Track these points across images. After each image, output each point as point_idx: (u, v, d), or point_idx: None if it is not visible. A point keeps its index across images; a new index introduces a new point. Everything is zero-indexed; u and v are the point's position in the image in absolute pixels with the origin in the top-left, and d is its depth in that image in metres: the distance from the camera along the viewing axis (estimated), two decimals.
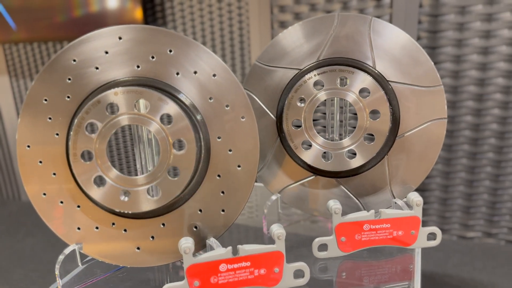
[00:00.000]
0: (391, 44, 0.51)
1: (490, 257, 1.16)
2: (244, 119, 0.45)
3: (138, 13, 1.31)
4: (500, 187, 1.15)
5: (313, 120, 0.52)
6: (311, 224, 0.64)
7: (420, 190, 1.22)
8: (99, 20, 1.38)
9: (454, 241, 1.23)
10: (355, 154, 0.52)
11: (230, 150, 0.45)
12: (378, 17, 1.12)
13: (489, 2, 1.03)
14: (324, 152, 0.53)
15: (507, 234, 1.20)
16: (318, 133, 0.53)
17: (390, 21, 1.11)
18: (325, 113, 0.59)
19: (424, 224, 1.25)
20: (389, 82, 0.51)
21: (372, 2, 1.12)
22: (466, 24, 1.07)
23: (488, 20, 1.05)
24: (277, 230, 0.44)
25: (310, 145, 0.53)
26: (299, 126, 0.53)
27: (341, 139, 0.55)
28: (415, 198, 0.49)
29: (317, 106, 0.52)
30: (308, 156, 0.53)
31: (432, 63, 0.51)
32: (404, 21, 1.09)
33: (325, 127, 0.60)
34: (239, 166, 0.46)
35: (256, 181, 0.47)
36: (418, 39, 1.11)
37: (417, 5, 1.07)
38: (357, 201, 0.55)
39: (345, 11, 1.15)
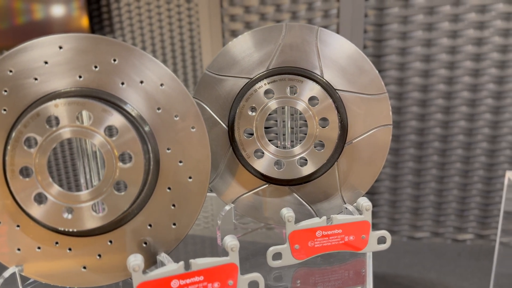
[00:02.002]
0: (337, 54, 0.53)
1: (438, 256, 1.21)
2: (194, 129, 0.44)
3: (84, 21, 1.27)
4: (444, 188, 1.21)
5: (267, 128, 0.52)
6: (267, 232, 0.64)
7: (370, 193, 1.25)
8: (43, 29, 1.32)
9: (404, 242, 1.28)
10: (306, 161, 0.53)
11: (180, 162, 0.44)
12: (326, 27, 1.15)
13: (429, 13, 1.09)
14: (277, 160, 0.53)
15: (453, 233, 1.26)
16: (270, 140, 0.53)
17: (337, 31, 1.15)
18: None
19: (375, 226, 1.29)
20: (337, 91, 0.52)
21: (319, 12, 1.15)
22: (408, 33, 1.12)
23: (429, 29, 1.11)
24: (230, 241, 0.43)
25: (263, 154, 0.53)
26: (252, 134, 0.53)
27: (293, 146, 0.56)
28: (365, 203, 0.50)
29: (269, 114, 0.52)
30: (260, 165, 0.53)
31: (377, 71, 0.52)
32: (351, 31, 1.13)
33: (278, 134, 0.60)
34: (190, 178, 0.45)
35: (209, 191, 0.46)
36: (364, 48, 1.15)
37: (363, 15, 1.11)
38: (309, 208, 0.55)
39: (294, 21, 1.17)
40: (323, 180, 0.54)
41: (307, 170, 0.53)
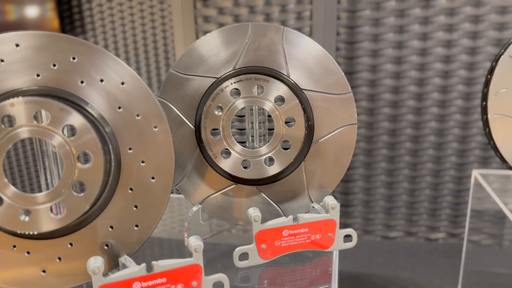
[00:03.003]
0: (303, 54, 0.53)
1: (411, 255, 1.23)
2: (156, 129, 0.44)
3: (55, 22, 1.24)
4: (416, 188, 1.23)
5: (242, 130, 0.52)
6: (240, 233, 0.64)
7: (344, 193, 1.27)
8: (17, 30, 1.29)
9: (378, 242, 1.29)
10: (273, 161, 0.53)
11: (142, 162, 0.43)
12: (299, 29, 1.16)
13: (400, 15, 1.11)
14: (244, 160, 0.53)
15: (425, 232, 1.28)
16: (239, 142, 0.53)
17: (310, 33, 1.16)
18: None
19: (350, 226, 1.30)
20: (303, 90, 0.53)
21: (293, 14, 1.16)
22: (380, 35, 1.14)
23: (400, 32, 1.13)
24: (194, 242, 0.43)
25: (230, 154, 0.52)
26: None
27: (261, 146, 0.55)
28: (331, 201, 0.51)
29: (241, 116, 0.52)
30: (227, 165, 0.53)
31: (342, 71, 0.53)
32: (324, 33, 1.14)
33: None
34: (153, 178, 0.44)
35: (175, 193, 0.45)
36: (337, 49, 1.17)
37: (335, 18, 1.13)
38: (277, 207, 0.55)
39: (268, 22, 1.17)
40: (290, 180, 0.54)
41: (274, 169, 0.53)
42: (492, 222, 1.15)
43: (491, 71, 0.62)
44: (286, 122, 0.52)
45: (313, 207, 0.54)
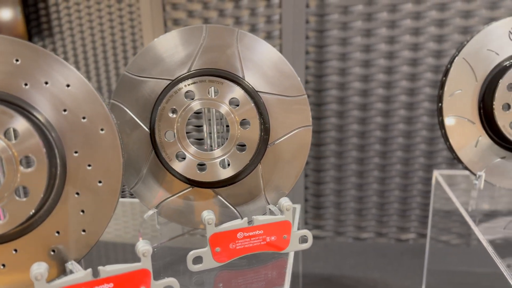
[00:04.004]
0: (259, 57, 0.53)
1: (382, 256, 1.24)
2: (103, 131, 0.43)
3: (21, 26, 1.22)
4: (386, 189, 1.25)
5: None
6: (197, 237, 0.63)
7: (316, 195, 1.27)
8: None
9: (350, 243, 1.30)
10: (229, 163, 0.52)
11: (89, 165, 0.43)
12: (269, 32, 1.17)
13: (368, 19, 1.13)
14: (199, 163, 0.52)
15: (396, 233, 1.30)
16: (194, 145, 0.53)
17: (280, 37, 1.16)
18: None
19: (322, 228, 1.31)
20: (258, 93, 0.53)
21: (262, 18, 1.16)
22: (348, 39, 1.15)
23: (367, 35, 1.14)
24: (143, 247, 0.42)
25: (184, 156, 0.52)
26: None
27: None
28: (285, 203, 0.51)
29: (192, 119, 0.52)
30: (182, 168, 0.52)
31: (296, 74, 0.53)
32: (293, 36, 1.15)
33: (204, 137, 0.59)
34: (100, 182, 0.43)
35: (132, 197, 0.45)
36: (307, 53, 1.18)
37: (304, 21, 1.13)
38: (234, 210, 0.55)
39: (238, 25, 1.17)
40: (247, 182, 0.54)
41: (229, 172, 0.52)
42: (460, 222, 1.17)
43: (446, 73, 0.63)
44: (241, 125, 0.52)
45: (269, 209, 0.54)
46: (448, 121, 0.63)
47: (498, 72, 0.62)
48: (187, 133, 0.53)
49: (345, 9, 1.13)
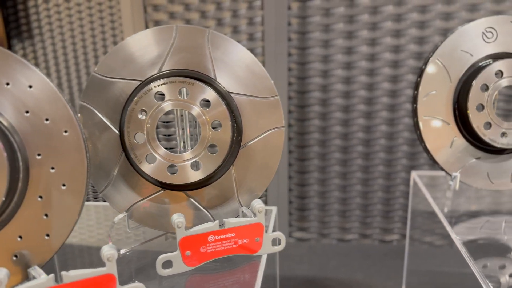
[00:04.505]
0: (230, 57, 0.52)
1: (366, 257, 1.24)
2: (67, 133, 0.42)
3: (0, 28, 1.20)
4: (369, 191, 1.25)
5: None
6: (169, 240, 0.63)
7: (300, 197, 1.27)
8: None
9: (334, 245, 1.30)
10: (200, 165, 0.52)
11: (52, 168, 0.42)
12: (251, 34, 1.16)
13: (349, 21, 1.13)
14: (170, 165, 0.52)
15: (379, 234, 1.30)
16: (168, 148, 0.52)
17: (262, 39, 1.16)
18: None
19: (306, 230, 1.30)
20: (231, 94, 0.52)
21: (244, 20, 1.16)
22: (330, 41, 1.15)
23: (349, 37, 1.14)
24: (107, 251, 0.41)
25: (155, 159, 0.51)
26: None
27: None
28: (258, 205, 0.50)
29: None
30: (153, 170, 0.51)
31: (268, 75, 0.53)
32: (275, 38, 1.15)
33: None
34: (64, 185, 0.42)
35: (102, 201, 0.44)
36: (289, 55, 1.17)
37: (286, 23, 1.13)
38: (207, 212, 0.54)
39: (220, 27, 1.17)
40: (219, 184, 0.54)
41: (201, 174, 0.52)
42: (442, 223, 1.17)
43: (420, 74, 0.64)
44: (213, 126, 0.51)
45: (242, 211, 0.54)
46: (423, 122, 0.63)
47: (472, 73, 0.63)
48: (169, 135, 0.52)
49: (326, 11, 1.13)
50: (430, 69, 0.63)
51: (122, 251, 0.56)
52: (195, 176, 0.52)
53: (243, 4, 1.15)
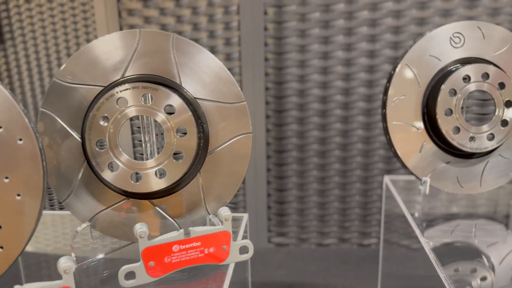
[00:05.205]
0: (196, 62, 0.51)
1: (344, 262, 1.24)
2: (21, 142, 0.40)
3: None
4: (347, 195, 1.25)
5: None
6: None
7: (279, 202, 1.26)
8: None
9: (313, 249, 1.30)
10: (165, 173, 0.51)
11: (6, 178, 0.40)
12: (228, 39, 1.16)
13: (325, 26, 1.13)
14: (134, 173, 0.50)
15: (358, 238, 1.30)
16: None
17: (239, 43, 1.15)
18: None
19: (285, 235, 1.30)
20: (197, 99, 0.51)
21: (220, 24, 1.15)
22: (306, 46, 1.15)
23: (325, 42, 1.15)
24: (64, 263, 0.40)
25: (118, 167, 0.50)
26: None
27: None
28: (224, 213, 0.49)
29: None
30: (115, 178, 0.50)
31: (234, 80, 0.52)
32: (252, 43, 1.14)
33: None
34: (18, 195, 0.41)
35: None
36: (266, 60, 1.17)
37: (262, 28, 1.13)
38: (173, 221, 0.53)
39: (196, 32, 1.16)
40: (186, 192, 0.53)
41: (166, 182, 0.51)
42: (427, 225, 1.18)
43: (389, 79, 0.64)
44: (178, 132, 0.50)
45: (210, 219, 0.53)
46: (392, 127, 0.63)
47: (440, 78, 0.63)
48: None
49: (302, 16, 1.13)
50: (399, 74, 0.63)
51: (87, 261, 0.54)
52: (159, 184, 0.50)
53: (219, 9, 1.14)
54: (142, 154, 0.60)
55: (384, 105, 0.64)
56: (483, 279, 0.58)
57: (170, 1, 1.14)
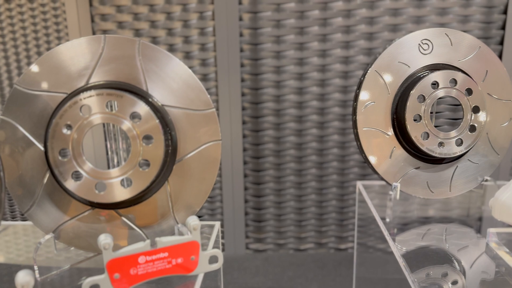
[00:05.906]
0: (163, 69, 0.51)
1: (321, 266, 1.24)
2: None
3: None
4: (324, 200, 1.26)
5: None
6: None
7: (256, 208, 1.26)
8: None
9: (291, 254, 1.29)
10: (131, 182, 0.49)
11: None
12: (203, 44, 1.15)
13: (300, 33, 1.14)
14: (99, 182, 0.49)
15: (335, 243, 1.30)
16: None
17: (214, 49, 1.15)
18: None
19: (263, 241, 1.29)
20: (164, 106, 0.50)
21: (195, 30, 1.15)
22: (282, 52, 1.16)
23: (300, 49, 1.15)
24: (22, 278, 0.38)
25: (81, 176, 0.48)
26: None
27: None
28: (193, 222, 0.48)
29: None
30: (79, 188, 0.49)
31: (203, 87, 0.51)
32: (228, 49, 1.14)
33: None
34: None
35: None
36: (242, 66, 1.17)
37: (238, 34, 1.13)
38: (140, 232, 0.52)
39: (170, 37, 1.15)
40: (154, 201, 0.51)
41: (132, 191, 0.49)
42: (399, 230, 1.19)
43: (359, 85, 0.64)
44: (145, 140, 0.49)
45: (178, 228, 0.52)
46: (363, 133, 0.64)
47: (409, 84, 0.64)
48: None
49: (277, 22, 1.14)
50: (369, 80, 0.64)
51: (51, 274, 0.52)
52: (124, 193, 0.49)
53: (194, 14, 1.14)
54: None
55: (354, 112, 0.64)
56: (454, 283, 0.59)
57: (144, 6, 1.13)
